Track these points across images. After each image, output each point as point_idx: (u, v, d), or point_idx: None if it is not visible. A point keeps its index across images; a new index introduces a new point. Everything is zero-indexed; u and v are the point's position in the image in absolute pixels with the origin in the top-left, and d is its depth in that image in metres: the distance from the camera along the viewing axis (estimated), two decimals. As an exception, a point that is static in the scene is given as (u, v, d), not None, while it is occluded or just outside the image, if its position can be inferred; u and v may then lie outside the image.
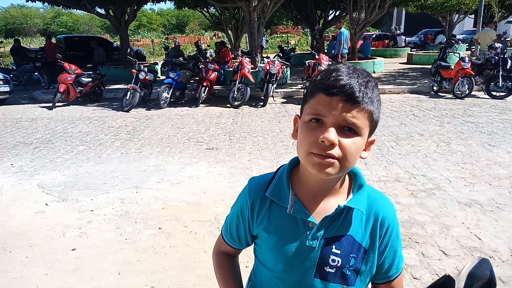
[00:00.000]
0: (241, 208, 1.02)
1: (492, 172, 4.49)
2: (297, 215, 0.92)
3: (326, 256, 0.92)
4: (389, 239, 0.96)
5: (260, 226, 0.98)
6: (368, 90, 0.82)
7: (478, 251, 2.90)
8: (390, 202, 0.99)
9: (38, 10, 57.68)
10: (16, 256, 3.02)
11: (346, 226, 0.92)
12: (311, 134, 0.82)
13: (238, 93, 9.24)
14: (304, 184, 0.94)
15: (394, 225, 0.97)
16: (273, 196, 0.95)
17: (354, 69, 0.85)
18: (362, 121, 0.82)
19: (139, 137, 6.63)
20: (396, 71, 14.46)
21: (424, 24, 29.23)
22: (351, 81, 0.81)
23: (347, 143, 0.81)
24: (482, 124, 6.74)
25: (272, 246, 0.96)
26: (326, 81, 0.82)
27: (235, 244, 1.09)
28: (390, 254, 0.98)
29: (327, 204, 0.92)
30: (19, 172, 4.97)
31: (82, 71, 10.24)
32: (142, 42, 34.54)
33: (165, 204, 3.89)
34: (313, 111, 0.83)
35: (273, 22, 45.29)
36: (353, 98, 0.80)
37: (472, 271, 0.85)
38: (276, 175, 0.99)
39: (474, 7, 18.47)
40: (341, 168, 0.83)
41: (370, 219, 0.94)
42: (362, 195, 0.93)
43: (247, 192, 1.01)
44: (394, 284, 1.02)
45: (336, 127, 0.80)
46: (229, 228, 1.08)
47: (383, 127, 6.80)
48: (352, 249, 0.92)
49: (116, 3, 13.34)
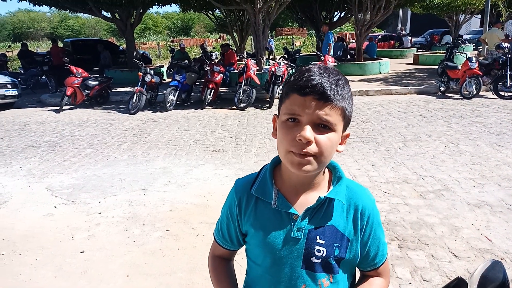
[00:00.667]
0: (229, 207, 1.07)
1: (502, 173, 4.44)
2: (281, 208, 0.96)
3: (312, 247, 0.96)
4: (371, 228, 1.00)
5: (248, 222, 1.02)
6: (339, 87, 0.87)
7: (488, 252, 2.87)
8: (368, 193, 1.03)
9: (45, 14, 58.28)
10: (26, 259, 3.04)
11: (328, 216, 0.97)
12: (289, 133, 0.87)
13: (244, 95, 9.25)
14: (286, 180, 0.98)
15: (375, 214, 1.01)
16: (258, 193, 1.00)
17: (325, 69, 0.89)
18: (335, 117, 0.87)
19: (145, 139, 6.66)
20: (402, 72, 14.39)
21: (430, 24, 29.07)
22: (322, 81, 0.85)
23: (322, 139, 0.86)
24: (491, 125, 6.68)
25: (260, 241, 1.00)
26: (299, 82, 0.86)
27: (227, 245, 1.12)
28: (374, 242, 1.01)
29: (309, 197, 0.97)
30: (28, 175, 5.01)
31: (89, 75, 10.32)
32: (148, 45, 34.70)
33: (173, 206, 3.90)
34: (289, 111, 0.87)
35: (278, 24, 45.28)
36: (325, 97, 0.85)
37: (485, 274, 0.84)
38: (260, 173, 1.04)
39: (480, 7, 18.33)
40: (319, 164, 0.88)
41: (351, 209, 0.99)
42: (341, 186, 0.98)
43: (234, 192, 1.06)
44: (381, 270, 1.05)
45: (311, 125, 0.85)
46: (220, 230, 1.12)
47: (391, 128, 6.77)
48: (336, 239, 0.96)
49: (122, 7, 13.42)
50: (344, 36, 28.33)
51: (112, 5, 12.99)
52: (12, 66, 19.20)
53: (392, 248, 2.98)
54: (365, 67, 13.82)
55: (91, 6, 13.16)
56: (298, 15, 19.59)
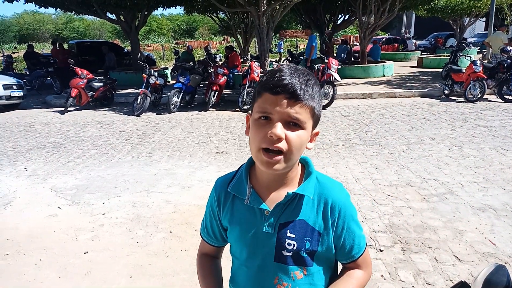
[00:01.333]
0: (211, 204, 1.12)
1: (506, 177, 4.42)
2: (253, 204, 1.01)
3: (282, 241, 0.99)
4: (343, 222, 1.02)
5: (225, 218, 1.08)
6: (309, 88, 0.91)
7: (492, 256, 2.85)
8: (340, 188, 1.05)
9: (51, 16, 58.53)
10: (30, 259, 3.06)
11: (298, 211, 1.00)
12: (261, 130, 0.91)
13: (248, 97, 9.26)
14: (260, 177, 1.03)
15: (347, 208, 1.03)
16: (233, 190, 1.05)
17: (296, 69, 0.93)
18: (305, 115, 0.91)
19: (149, 141, 6.68)
20: (406, 75, 14.36)
21: (435, 27, 29.00)
22: (292, 81, 0.89)
23: (292, 136, 0.90)
24: (495, 128, 6.65)
25: (236, 236, 1.05)
26: (271, 81, 0.90)
27: (212, 241, 1.17)
28: (349, 235, 1.03)
29: (280, 193, 1.01)
30: (33, 175, 5.04)
31: (94, 76, 10.38)
32: (152, 47, 34.83)
33: (176, 208, 3.91)
34: (261, 109, 0.91)
35: (282, 27, 45.30)
36: (295, 96, 0.89)
37: (489, 278, 0.84)
38: (238, 172, 1.09)
39: (485, 10, 18.29)
40: (287, 161, 0.92)
41: (321, 204, 1.01)
42: (310, 182, 1.01)
43: (214, 190, 1.11)
44: (360, 262, 1.07)
45: (282, 122, 0.89)
46: (205, 227, 1.17)
47: (394, 131, 6.76)
48: (306, 233, 0.99)
49: (127, 9, 13.50)
50: (348, 38, 28.31)
51: (117, 7, 13.07)
52: (17, 67, 19.33)
53: (396, 251, 2.97)
54: (369, 70, 13.81)
55: (96, 8, 13.24)
56: (302, 18, 19.61)
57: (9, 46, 38.71)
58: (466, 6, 18.40)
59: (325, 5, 17.16)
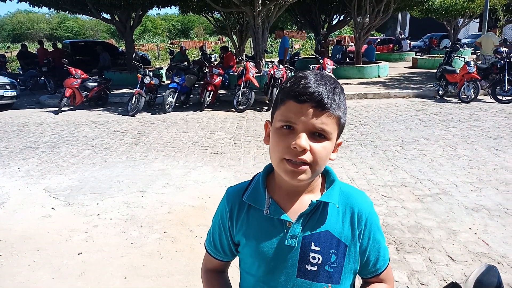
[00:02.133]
0: (221, 216, 1.03)
1: (499, 177, 4.45)
2: (273, 215, 0.93)
3: (306, 254, 0.92)
4: (370, 232, 0.97)
5: (240, 231, 0.99)
6: (336, 96, 0.86)
7: (486, 257, 2.87)
8: (365, 196, 1.00)
9: (44, 15, 58.16)
10: (23, 260, 3.04)
11: (323, 221, 0.93)
12: (283, 140, 0.85)
13: (243, 97, 9.27)
14: (279, 186, 0.96)
15: (373, 218, 0.97)
16: (250, 200, 0.97)
17: (322, 76, 0.88)
18: (331, 126, 0.86)
19: (144, 141, 6.66)
20: (401, 76, 14.43)
21: (429, 28, 29.15)
22: (319, 88, 0.84)
23: (317, 148, 0.85)
24: (489, 129, 6.70)
25: (253, 250, 0.96)
26: (296, 89, 0.85)
27: (220, 256, 1.08)
28: (374, 247, 0.98)
29: (302, 202, 0.94)
30: (26, 176, 5.00)
31: (88, 76, 10.33)
32: (147, 47, 34.73)
33: (171, 209, 3.90)
34: (284, 118, 0.85)
35: (278, 27, 45.34)
36: (322, 105, 0.83)
37: (480, 278, 0.85)
38: (253, 181, 1.01)
39: (479, 11, 18.41)
40: (313, 172, 0.86)
41: (347, 213, 0.95)
42: (334, 189, 0.95)
43: (225, 200, 1.02)
44: (384, 277, 1.01)
45: (307, 133, 0.84)
46: (212, 240, 1.08)
47: (389, 131, 6.79)
48: (332, 245, 0.93)
49: (122, 9, 13.44)
50: (343, 39, 28.40)
51: (111, 6, 13.01)
52: (11, 67, 19.19)
53: (390, 252, 2.97)
54: (364, 71, 13.86)
55: (91, 8, 13.18)
56: (298, 18, 19.65)
57: (3, 46, 38.46)
58: (460, 7, 18.52)
59: (320, 6, 17.22)
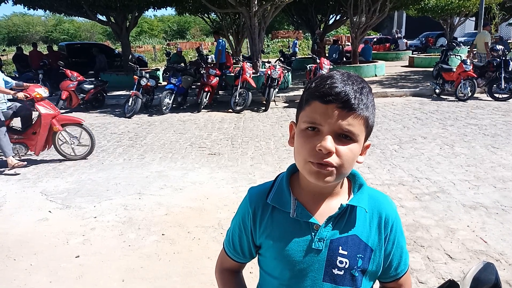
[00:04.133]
0: (243, 218, 1.00)
1: (497, 175, 4.46)
2: (300, 218, 0.91)
3: (334, 258, 0.90)
4: (395, 237, 0.96)
5: (264, 234, 0.96)
6: (363, 96, 0.83)
7: (484, 254, 2.87)
8: (390, 200, 1.00)
9: (40, 18, 58.02)
10: (20, 264, 3.02)
11: (351, 225, 0.92)
12: (308, 142, 0.82)
13: (240, 98, 9.26)
14: (304, 188, 0.94)
15: (398, 222, 0.97)
16: (274, 202, 0.95)
17: (349, 76, 0.84)
18: (358, 127, 0.82)
19: (141, 143, 6.64)
20: (398, 74, 14.46)
21: (425, 27, 29.21)
22: (346, 88, 0.81)
23: (344, 151, 0.82)
24: (486, 126, 6.71)
25: (278, 253, 0.94)
26: (321, 89, 0.82)
27: (239, 258, 1.06)
28: (397, 251, 0.98)
29: (329, 205, 0.92)
30: (23, 179, 4.98)
31: (84, 78, 10.28)
32: (143, 48, 34.66)
33: (168, 210, 3.88)
34: (309, 119, 0.83)
35: (274, 27, 45.39)
36: (349, 105, 0.80)
37: (477, 276, 0.85)
38: (276, 182, 0.99)
39: (474, 10, 18.46)
40: (339, 175, 0.83)
41: (374, 218, 0.94)
42: (363, 193, 0.94)
43: (248, 202, 1.00)
44: (403, 281, 1.01)
45: (332, 135, 0.81)
46: (231, 242, 1.05)
47: (386, 130, 6.79)
48: (359, 249, 0.92)
49: (117, 10, 13.41)
50: (340, 39, 28.44)
51: (107, 8, 12.98)
52: (7, 70, 19.11)
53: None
54: (361, 70, 13.87)
55: (86, 10, 13.14)
56: (294, 18, 19.67)
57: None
58: (456, 5, 18.56)
59: (317, 5, 17.24)
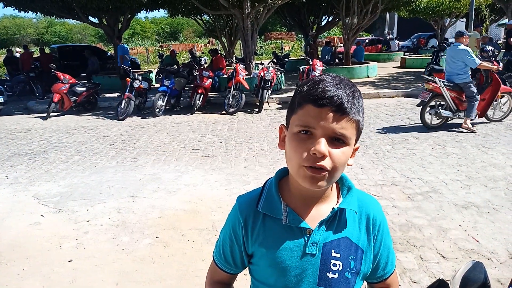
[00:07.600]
0: (233, 228, 0.99)
1: (488, 174, 4.51)
2: (292, 224, 0.91)
3: (327, 261, 0.91)
4: (382, 237, 0.98)
5: (256, 242, 0.95)
6: (355, 100, 0.84)
7: (476, 253, 2.91)
8: (376, 201, 1.02)
9: (31, 20, 57.59)
10: (12, 269, 2.99)
11: (342, 228, 0.93)
12: (301, 146, 0.82)
13: (233, 99, 9.26)
14: (295, 193, 0.94)
15: (384, 223, 0.99)
16: (265, 210, 0.94)
17: (340, 80, 0.85)
18: (351, 131, 0.83)
19: (134, 145, 6.61)
20: (390, 75, 14.55)
21: (417, 28, 29.44)
22: (339, 92, 0.81)
23: (337, 154, 0.82)
24: (476, 126, 6.78)
25: (272, 261, 0.93)
26: (314, 92, 0.82)
27: (230, 269, 1.04)
28: (384, 251, 0.99)
29: (319, 209, 0.93)
30: (14, 183, 4.93)
31: (76, 81, 10.22)
32: (136, 50, 34.48)
33: (162, 213, 3.87)
34: (302, 123, 0.83)
35: (267, 29, 45.51)
36: (342, 109, 0.81)
37: (466, 275, 0.86)
38: (265, 189, 0.98)
39: (465, 11, 18.66)
40: (331, 179, 0.84)
41: (363, 219, 0.96)
42: (353, 196, 0.95)
43: (238, 210, 0.98)
44: (390, 281, 1.03)
45: (326, 138, 0.81)
46: (222, 253, 1.03)
47: (378, 131, 6.83)
48: (351, 251, 0.93)
49: (109, 12, 13.35)
50: (333, 40, 28.58)
51: (99, 10, 12.91)
52: (-3, 72, 18.93)
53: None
54: (353, 71, 13.94)
55: (78, 12, 13.06)
56: (287, 20, 19.72)
57: (-11, 51, 37.87)
58: (447, 6, 18.76)
59: (309, 7, 17.29)
